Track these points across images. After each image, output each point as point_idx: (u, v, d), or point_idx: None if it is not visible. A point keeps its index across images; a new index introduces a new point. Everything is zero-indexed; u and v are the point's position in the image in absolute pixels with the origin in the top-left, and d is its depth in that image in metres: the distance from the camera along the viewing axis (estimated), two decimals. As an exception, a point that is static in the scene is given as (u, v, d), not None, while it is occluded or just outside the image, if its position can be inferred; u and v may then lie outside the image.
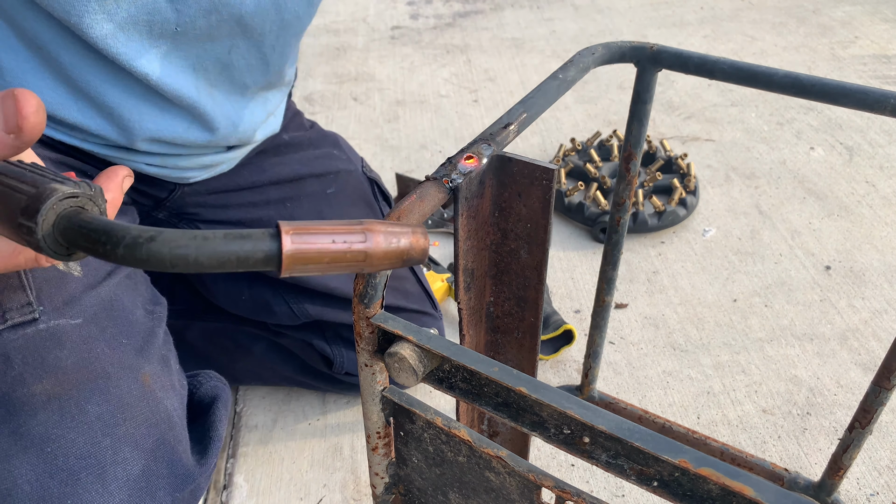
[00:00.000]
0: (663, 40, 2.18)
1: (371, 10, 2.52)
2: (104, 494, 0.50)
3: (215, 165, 0.82)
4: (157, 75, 0.64)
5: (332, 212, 0.94)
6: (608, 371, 1.16)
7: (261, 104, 0.80)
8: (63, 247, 0.37)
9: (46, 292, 0.53)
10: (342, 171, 0.97)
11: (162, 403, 0.56)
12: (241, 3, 0.65)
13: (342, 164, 0.98)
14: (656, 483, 0.37)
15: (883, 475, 0.99)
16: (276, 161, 0.91)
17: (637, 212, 1.41)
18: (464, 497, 0.50)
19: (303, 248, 0.34)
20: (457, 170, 0.49)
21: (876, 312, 1.24)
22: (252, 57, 0.72)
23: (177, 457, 0.56)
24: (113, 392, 0.53)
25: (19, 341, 0.51)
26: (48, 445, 0.48)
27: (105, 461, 0.50)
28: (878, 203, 1.50)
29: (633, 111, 0.75)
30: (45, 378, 0.50)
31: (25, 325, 0.51)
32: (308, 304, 0.95)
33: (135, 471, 0.52)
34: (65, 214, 0.36)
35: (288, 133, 0.95)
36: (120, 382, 0.54)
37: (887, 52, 2.06)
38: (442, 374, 0.44)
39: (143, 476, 0.52)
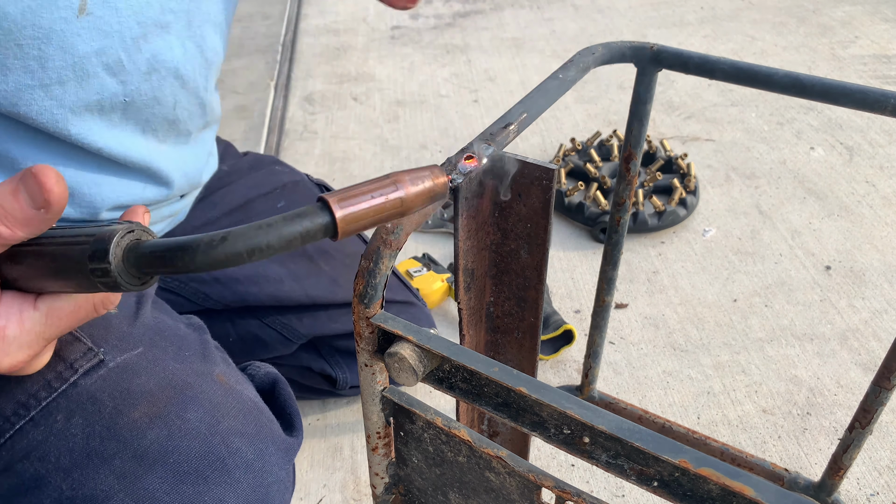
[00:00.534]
0: (663, 40, 2.18)
1: (371, 10, 2.52)
2: (231, 483, 0.54)
3: (173, 216, 0.82)
4: (110, 146, 0.65)
5: None
6: (608, 371, 1.16)
7: (201, 146, 0.81)
8: (136, 277, 0.39)
9: (99, 336, 0.57)
10: (288, 184, 0.98)
11: (244, 394, 0.60)
12: (172, 55, 0.66)
13: (287, 178, 0.99)
14: (656, 483, 0.37)
15: (883, 475, 0.99)
16: (223, 192, 0.93)
17: (637, 212, 1.41)
18: (464, 497, 0.50)
19: (351, 211, 0.38)
20: (457, 170, 0.49)
21: (876, 312, 1.24)
22: (192, 105, 0.73)
23: (276, 434, 0.60)
24: (201, 397, 0.56)
25: (98, 383, 0.54)
26: (170, 457, 0.52)
27: (222, 455, 0.54)
28: (878, 203, 1.50)
29: (633, 111, 0.75)
30: (139, 404, 0.54)
31: (96, 368, 0.55)
32: (296, 323, 0.94)
33: (250, 456, 0.56)
34: (131, 247, 0.39)
35: (226, 163, 0.97)
36: (203, 387, 0.57)
37: (887, 52, 2.06)
38: (442, 374, 0.44)
39: (258, 458, 0.56)
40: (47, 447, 0.52)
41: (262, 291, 0.91)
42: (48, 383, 0.54)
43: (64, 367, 0.54)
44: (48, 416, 0.53)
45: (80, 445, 0.52)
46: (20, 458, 0.52)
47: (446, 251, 1.41)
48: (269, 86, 2.02)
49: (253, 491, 0.55)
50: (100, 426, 0.53)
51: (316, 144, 1.79)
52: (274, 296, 0.91)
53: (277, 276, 0.91)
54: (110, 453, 0.52)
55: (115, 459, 0.51)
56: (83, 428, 0.52)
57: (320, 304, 0.94)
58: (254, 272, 0.91)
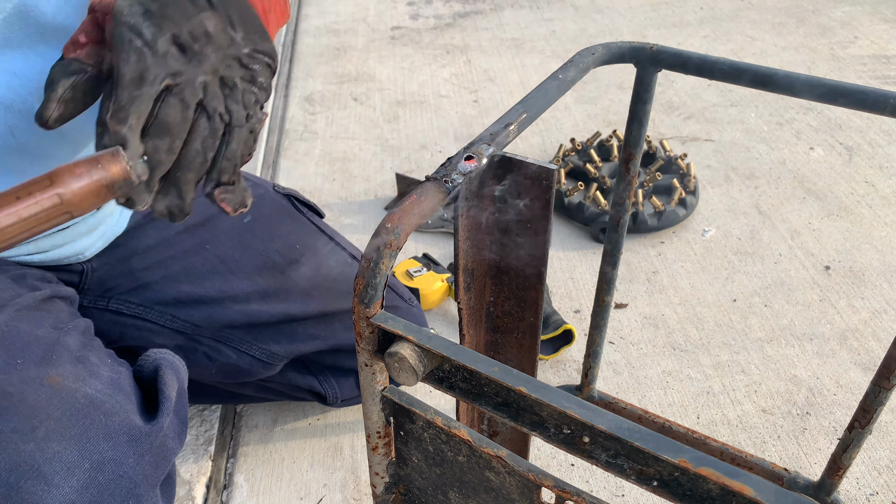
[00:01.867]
0: (663, 40, 2.18)
1: (371, 10, 2.52)
2: (52, 489, 0.52)
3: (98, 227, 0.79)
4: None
5: (255, 238, 0.91)
6: (608, 371, 1.16)
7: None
8: None
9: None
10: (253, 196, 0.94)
11: (78, 392, 0.58)
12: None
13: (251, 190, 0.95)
14: (656, 483, 0.37)
15: (882, 475, 0.99)
16: None
17: (637, 212, 1.41)
18: (464, 497, 0.50)
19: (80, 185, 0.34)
20: (457, 170, 0.49)
21: (875, 312, 1.24)
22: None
23: (113, 428, 0.58)
24: (19, 405, 0.55)
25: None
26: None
27: (37, 462, 0.53)
28: (878, 203, 1.50)
29: (633, 111, 0.75)
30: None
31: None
32: (273, 346, 0.91)
33: (72, 457, 0.54)
34: None
35: None
36: (24, 395, 0.56)
37: (887, 52, 2.06)
38: (442, 373, 0.44)
39: (82, 458, 0.55)
40: None
41: (228, 311, 0.88)
42: None
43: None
44: None
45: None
46: None
47: (446, 251, 1.41)
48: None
49: (79, 493, 0.54)
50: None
51: (316, 144, 1.79)
52: (243, 313, 0.88)
53: (244, 294, 0.88)
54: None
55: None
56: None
57: (295, 318, 0.90)
58: (218, 292, 0.87)
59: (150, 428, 0.61)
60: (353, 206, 1.56)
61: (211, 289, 0.87)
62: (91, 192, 0.37)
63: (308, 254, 0.92)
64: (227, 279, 0.88)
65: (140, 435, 0.60)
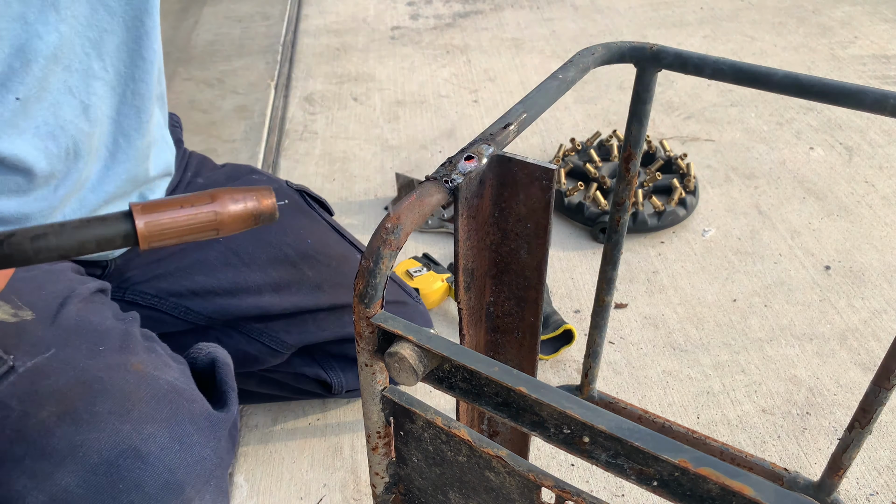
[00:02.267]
0: (663, 40, 2.18)
1: (371, 10, 2.52)
2: (147, 468, 0.56)
3: None
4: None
5: (269, 232, 0.93)
6: (608, 371, 1.16)
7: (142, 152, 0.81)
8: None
9: (10, 345, 0.58)
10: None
11: (161, 379, 0.61)
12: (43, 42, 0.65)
13: (265, 185, 0.97)
14: (656, 483, 0.37)
15: (882, 475, 0.99)
16: None
17: (637, 212, 1.41)
18: (464, 497, 0.50)
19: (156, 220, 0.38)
20: (457, 170, 0.49)
21: (875, 312, 1.24)
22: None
23: (195, 413, 0.62)
24: (111, 389, 0.58)
25: (7, 389, 0.56)
26: (78, 451, 0.54)
27: (134, 442, 0.56)
28: (878, 203, 1.50)
29: (633, 111, 0.75)
30: (46, 405, 0.55)
31: (6, 375, 0.57)
32: (283, 334, 0.92)
33: (164, 439, 0.58)
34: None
35: (201, 176, 0.96)
36: (114, 379, 0.59)
37: (887, 52, 2.06)
38: (442, 373, 0.44)
39: (172, 440, 0.58)
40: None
41: (242, 303, 0.89)
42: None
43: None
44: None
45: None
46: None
47: (446, 251, 1.41)
48: (270, 86, 2.02)
49: (171, 472, 0.57)
50: (9, 430, 0.54)
51: (316, 145, 1.79)
52: (255, 306, 0.90)
53: (257, 286, 0.90)
54: (20, 455, 0.53)
55: (24, 460, 0.53)
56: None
57: (306, 310, 0.92)
58: (232, 284, 0.89)
59: (224, 415, 0.64)
60: (353, 206, 1.56)
61: (225, 280, 0.89)
62: (240, 218, 0.41)
63: (319, 248, 0.94)
64: (241, 271, 0.89)
65: (218, 421, 0.63)
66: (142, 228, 0.38)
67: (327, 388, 1.02)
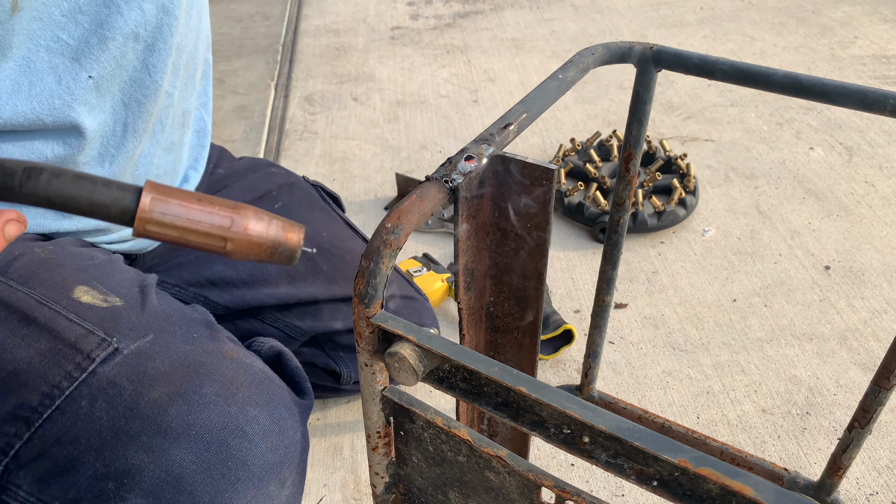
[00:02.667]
0: (663, 40, 2.18)
1: (371, 10, 2.52)
2: (253, 448, 0.58)
3: None
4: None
5: None
6: (608, 371, 1.16)
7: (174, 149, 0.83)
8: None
9: (110, 328, 0.61)
10: (284, 185, 0.99)
11: (254, 366, 0.64)
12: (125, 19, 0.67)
13: (283, 179, 1.00)
14: (656, 483, 0.37)
15: (882, 475, 0.99)
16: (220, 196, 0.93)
17: (637, 212, 1.41)
18: (464, 496, 0.50)
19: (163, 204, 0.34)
20: (457, 170, 0.49)
21: (875, 312, 1.24)
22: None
23: (287, 400, 0.65)
24: (214, 373, 0.61)
25: (116, 369, 0.58)
26: (192, 429, 0.57)
27: (240, 423, 0.59)
28: (878, 203, 1.50)
29: (633, 111, 0.75)
30: (156, 385, 0.58)
31: (112, 356, 0.59)
32: (297, 321, 0.94)
33: (266, 422, 0.60)
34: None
35: (222, 167, 0.98)
36: (215, 364, 0.62)
37: (887, 52, 2.06)
38: (442, 373, 0.44)
39: (273, 423, 0.61)
40: (76, 431, 0.56)
41: (259, 293, 0.92)
42: (69, 374, 0.58)
43: (82, 358, 0.58)
44: (72, 403, 0.57)
45: (106, 426, 0.56)
46: (52, 444, 0.56)
47: (446, 251, 1.41)
48: (270, 86, 2.02)
49: (272, 453, 0.60)
50: (122, 407, 0.57)
51: (316, 145, 1.79)
52: (272, 295, 0.92)
53: (274, 277, 0.92)
54: (136, 431, 0.56)
55: (141, 436, 0.56)
56: (107, 411, 0.57)
57: (321, 300, 0.95)
58: (250, 275, 0.91)
59: (306, 403, 0.68)
60: (353, 206, 1.56)
61: (243, 271, 0.91)
62: (256, 242, 0.37)
63: (334, 241, 0.96)
64: (257, 264, 0.91)
65: (303, 408, 0.67)
66: (144, 207, 0.34)
67: (336, 377, 1.02)
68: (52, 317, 0.60)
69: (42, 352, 0.59)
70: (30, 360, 0.58)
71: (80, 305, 0.62)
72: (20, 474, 0.56)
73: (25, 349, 0.59)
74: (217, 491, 0.56)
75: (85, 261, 0.69)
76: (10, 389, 0.58)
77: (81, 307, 0.62)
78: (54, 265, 0.65)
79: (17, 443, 0.57)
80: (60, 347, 0.59)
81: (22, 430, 0.57)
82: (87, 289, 0.64)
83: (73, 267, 0.66)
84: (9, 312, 0.61)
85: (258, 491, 0.59)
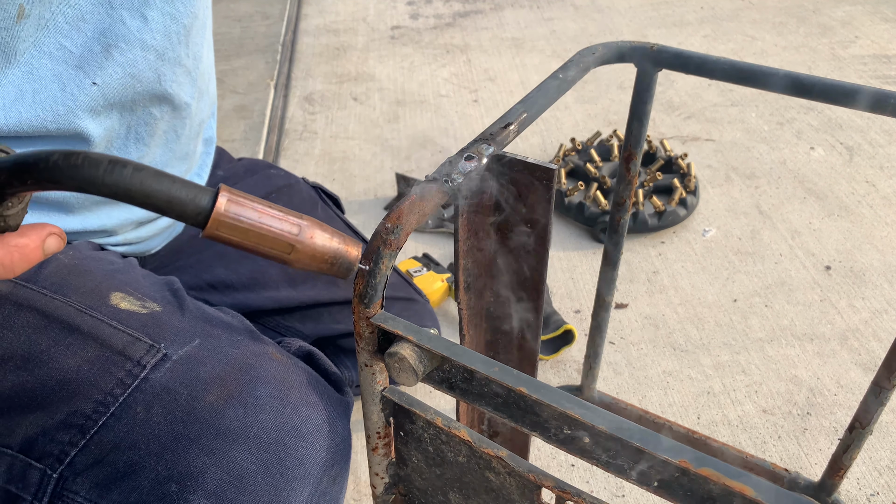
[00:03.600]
0: (663, 40, 2.18)
1: (371, 10, 2.52)
2: (307, 447, 0.59)
3: (171, 226, 0.85)
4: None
5: None
6: (608, 371, 1.16)
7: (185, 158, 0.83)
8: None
9: (156, 335, 0.61)
10: (283, 187, 0.99)
11: (297, 367, 0.65)
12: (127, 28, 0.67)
13: (282, 181, 1.00)
14: (656, 483, 0.37)
15: (883, 475, 0.99)
16: None
17: (637, 212, 1.41)
18: (464, 497, 0.50)
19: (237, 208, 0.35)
20: (457, 170, 0.49)
21: (876, 312, 1.24)
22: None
23: (334, 398, 0.65)
24: (265, 375, 0.61)
25: (168, 375, 0.59)
26: (250, 431, 0.57)
27: (295, 423, 0.59)
28: (878, 203, 1.50)
29: (633, 111, 0.75)
30: (210, 389, 0.58)
31: (162, 362, 0.59)
32: (298, 325, 0.94)
33: (318, 421, 0.61)
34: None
35: (221, 168, 0.98)
36: (264, 366, 0.62)
37: (887, 52, 2.06)
38: (442, 374, 0.44)
39: (325, 422, 0.62)
40: (135, 436, 0.56)
41: (260, 297, 0.91)
42: (121, 381, 0.58)
43: (132, 365, 0.59)
44: (128, 409, 0.57)
45: (165, 431, 0.56)
46: (110, 450, 0.57)
47: (446, 251, 1.41)
48: (269, 86, 2.02)
49: (326, 451, 0.61)
50: (180, 412, 0.57)
51: (316, 144, 1.79)
52: (272, 299, 0.92)
53: (275, 281, 0.92)
54: (195, 434, 0.56)
55: (201, 439, 0.56)
56: (164, 416, 0.57)
57: (322, 303, 0.95)
58: (250, 279, 0.91)
59: (347, 400, 0.68)
60: (353, 206, 1.56)
61: (243, 274, 0.91)
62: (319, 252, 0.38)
63: None
64: (259, 264, 0.91)
65: (346, 405, 0.67)
66: (220, 208, 0.35)
67: None
68: (94, 325, 0.60)
69: (90, 360, 0.59)
70: (78, 369, 0.58)
71: (121, 312, 0.62)
72: (77, 481, 0.57)
73: (72, 357, 0.59)
74: (276, 490, 0.57)
75: (108, 266, 0.68)
76: (61, 398, 0.58)
77: (122, 314, 0.62)
78: (82, 271, 0.65)
79: (72, 450, 0.57)
80: (109, 355, 0.59)
81: (77, 438, 0.57)
82: (123, 295, 0.64)
83: (101, 273, 0.66)
84: (48, 322, 0.60)
85: (314, 488, 0.60)
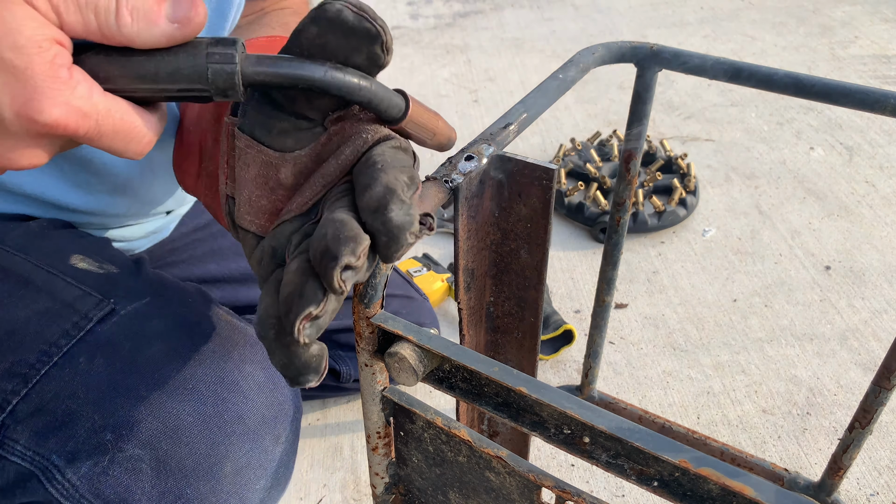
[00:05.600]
0: (663, 40, 2.18)
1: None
2: (247, 402, 0.60)
3: (157, 232, 0.86)
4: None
5: None
6: (608, 371, 1.16)
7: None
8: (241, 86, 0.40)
9: (106, 290, 0.62)
10: None
11: (248, 329, 0.66)
12: None
13: None
14: (656, 483, 0.37)
15: (883, 475, 0.99)
16: None
17: (637, 212, 1.41)
18: (464, 497, 0.50)
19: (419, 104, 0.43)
20: (457, 170, 0.49)
21: (876, 312, 1.24)
22: None
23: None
24: (209, 333, 0.63)
25: (113, 328, 0.60)
26: (188, 383, 0.58)
27: (236, 378, 0.61)
28: (878, 203, 1.50)
29: (633, 111, 0.75)
30: (154, 343, 0.60)
31: (109, 316, 0.61)
32: None
33: (260, 378, 0.62)
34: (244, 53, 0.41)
35: None
36: (211, 324, 0.64)
37: (887, 52, 2.06)
38: (442, 374, 0.44)
39: (268, 381, 0.63)
40: (74, 385, 0.57)
41: (252, 291, 0.92)
42: (66, 332, 0.59)
43: (79, 318, 0.60)
44: (71, 359, 0.59)
45: (105, 381, 0.57)
46: (50, 399, 0.58)
47: (446, 251, 1.41)
48: (269, 86, 2.02)
49: (267, 408, 0.62)
50: (121, 363, 0.58)
51: (316, 144, 1.79)
52: None
53: None
54: (134, 385, 0.57)
55: (139, 389, 0.57)
56: (105, 366, 0.58)
57: None
58: (243, 273, 0.91)
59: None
60: (353, 206, 1.56)
61: (236, 269, 0.91)
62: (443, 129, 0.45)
63: None
64: None
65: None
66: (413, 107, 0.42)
67: (336, 376, 1.02)
68: (48, 279, 0.62)
69: (39, 312, 0.60)
70: (27, 320, 0.60)
71: (78, 270, 0.64)
72: (17, 429, 0.58)
73: (23, 309, 0.60)
74: (213, 443, 0.58)
75: (77, 237, 0.70)
76: (8, 348, 0.59)
77: (78, 272, 0.63)
78: (50, 237, 0.67)
79: (14, 399, 0.58)
80: (58, 308, 0.60)
81: (19, 387, 0.58)
82: (83, 257, 0.66)
83: (67, 239, 0.68)
84: (6, 275, 0.62)
85: (253, 444, 0.61)
